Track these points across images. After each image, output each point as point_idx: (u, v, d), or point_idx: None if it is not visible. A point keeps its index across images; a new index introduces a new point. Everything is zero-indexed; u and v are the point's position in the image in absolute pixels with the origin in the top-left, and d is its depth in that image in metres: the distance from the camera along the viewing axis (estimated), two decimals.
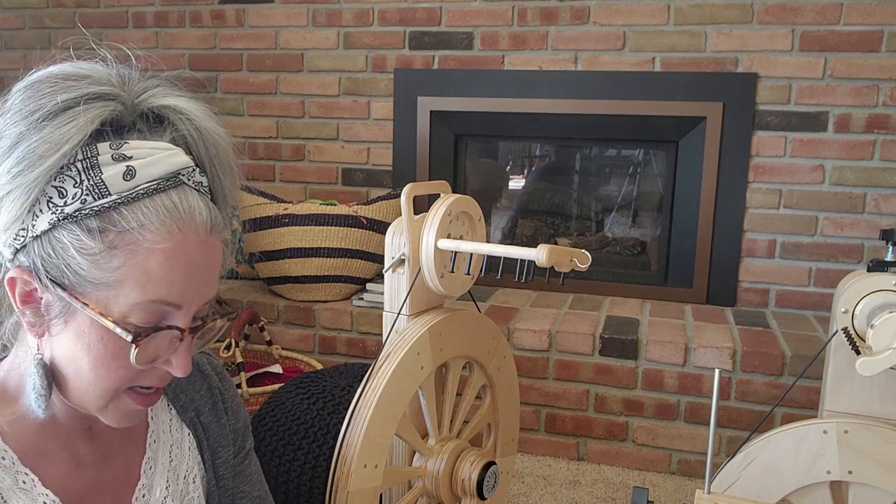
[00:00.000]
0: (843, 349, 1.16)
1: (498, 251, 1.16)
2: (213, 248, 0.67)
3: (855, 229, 2.17)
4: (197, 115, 0.67)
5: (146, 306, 0.63)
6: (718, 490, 1.19)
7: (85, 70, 0.65)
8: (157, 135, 0.66)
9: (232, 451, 0.87)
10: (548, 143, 2.64)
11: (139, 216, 0.61)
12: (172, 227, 0.62)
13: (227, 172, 0.70)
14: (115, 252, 0.61)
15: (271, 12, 2.56)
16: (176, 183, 0.64)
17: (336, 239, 2.19)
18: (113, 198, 0.61)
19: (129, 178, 0.61)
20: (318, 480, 1.56)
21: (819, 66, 2.14)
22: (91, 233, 0.61)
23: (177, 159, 0.64)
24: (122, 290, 0.62)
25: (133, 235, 0.61)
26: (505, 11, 2.35)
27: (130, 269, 0.61)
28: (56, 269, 0.62)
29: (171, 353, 0.66)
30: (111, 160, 0.61)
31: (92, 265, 0.61)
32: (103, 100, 0.63)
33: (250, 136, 2.66)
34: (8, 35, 2.85)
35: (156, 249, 0.62)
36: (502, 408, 1.42)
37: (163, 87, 0.68)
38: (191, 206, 0.64)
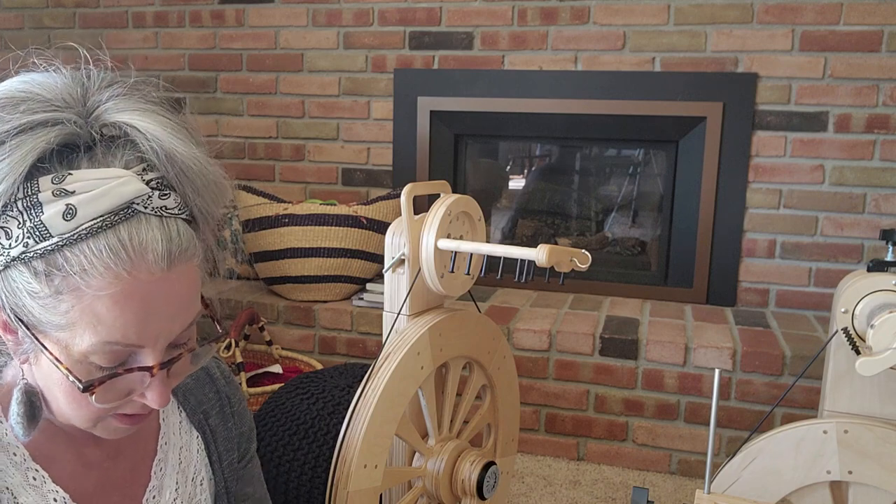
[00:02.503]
0: (843, 349, 1.16)
1: (498, 251, 1.16)
2: (174, 284, 0.61)
3: (855, 229, 2.17)
4: (158, 133, 0.60)
5: (103, 347, 0.59)
6: (718, 490, 1.19)
7: (30, 90, 0.60)
8: (113, 155, 0.60)
9: (237, 455, 0.87)
10: (548, 143, 2.64)
11: (81, 260, 0.57)
12: (119, 270, 0.57)
13: (203, 188, 0.63)
14: (62, 297, 0.57)
15: (271, 12, 2.56)
16: (127, 215, 0.58)
17: (336, 239, 2.19)
18: (54, 240, 0.56)
19: (70, 217, 0.56)
20: (318, 480, 1.56)
21: (819, 66, 2.14)
22: (38, 276, 0.57)
23: (127, 188, 0.58)
24: (76, 332, 0.59)
25: (76, 280, 0.57)
26: (505, 11, 2.35)
27: (79, 313, 0.58)
28: (17, 307, 0.59)
29: (144, 388, 0.63)
30: (52, 197, 0.56)
31: (43, 308, 0.58)
32: (44, 127, 0.58)
33: (250, 136, 2.66)
34: (8, 35, 2.85)
35: (101, 295, 0.57)
36: (502, 408, 1.42)
37: (122, 98, 0.62)
38: (142, 241, 0.58)
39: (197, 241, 0.63)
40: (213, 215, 0.66)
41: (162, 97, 0.65)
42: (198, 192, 0.63)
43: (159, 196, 0.60)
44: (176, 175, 0.62)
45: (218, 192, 0.65)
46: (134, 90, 0.63)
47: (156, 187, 0.60)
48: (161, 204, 0.60)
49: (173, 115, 0.64)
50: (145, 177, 0.60)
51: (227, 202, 0.67)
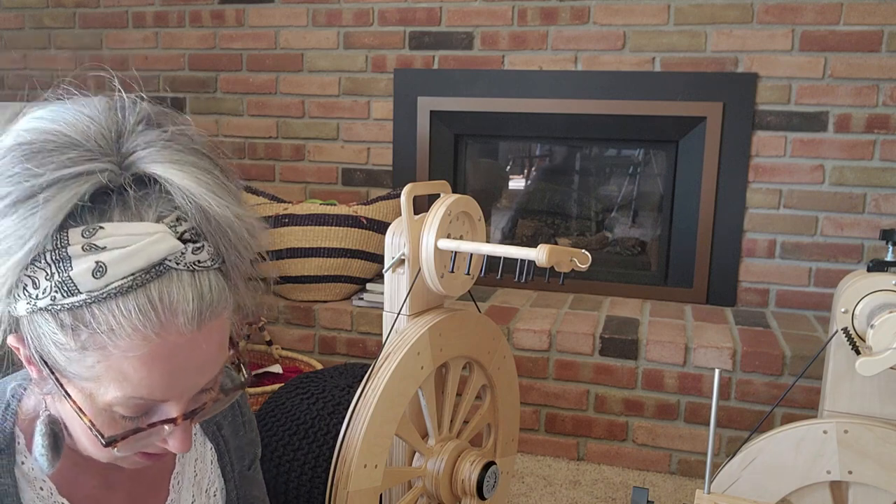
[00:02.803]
0: (843, 349, 1.16)
1: (498, 251, 1.16)
2: (203, 342, 0.59)
3: (855, 229, 2.17)
4: (193, 189, 0.58)
5: (128, 401, 0.58)
6: (718, 490, 1.19)
7: (62, 132, 0.58)
8: (146, 206, 0.58)
9: (247, 462, 0.88)
10: (548, 143, 2.64)
11: (109, 320, 0.55)
12: (147, 332, 0.56)
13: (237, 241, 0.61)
14: (88, 352, 0.56)
15: (271, 12, 2.56)
16: (159, 272, 0.56)
17: (336, 239, 2.19)
18: (82, 297, 0.55)
19: (100, 275, 0.55)
20: (318, 480, 1.56)
21: (819, 66, 2.14)
22: (64, 329, 0.56)
23: (160, 246, 0.56)
24: (101, 385, 0.58)
25: (104, 339, 0.55)
26: (505, 11, 2.35)
27: (105, 368, 0.57)
28: (43, 350, 0.58)
29: (166, 434, 0.63)
30: (81, 252, 0.55)
31: (67, 359, 0.57)
32: (75, 180, 0.55)
33: (250, 136, 2.66)
34: (8, 35, 2.85)
35: (129, 356, 0.56)
36: (502, 408, 1.42)
37: (158, 147, 0.59)
38: (173, 301, 0.56)
39: (228, 292, 0.61)
40: (245, 262, 0.63)
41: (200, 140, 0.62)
42: (231, 244, 0.61)
43: (192, 251, 0.58)
44: (209, 229, 0.59)
45: (252, 241, 0.63)
46: (171, 137, 0.60)
47: (189, 239, 0.58)
48: (194, 259, 0.58)
49: (211, 164, 0.61)
50: (178, 228, 0.58)
51: (263, 248, 0.65)
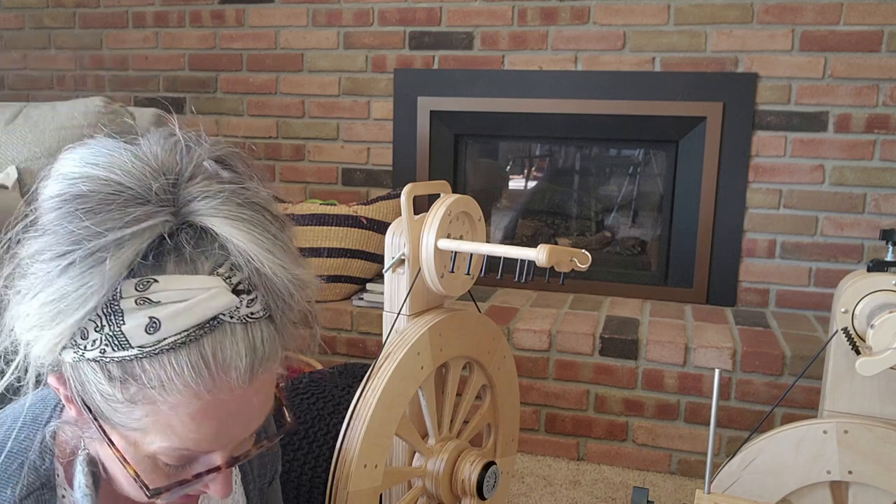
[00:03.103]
0: (843, 349, 1.16)
1: (498, 251, 1.16)
2: (254, 394, 0.58)
3: (855, 229, 2.17)
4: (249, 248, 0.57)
5: (174, 452, 0.58)
6: (718, 490, 1.19)
7: (127, 178, 0.56)
8: (201, 256, 0.56)
9: (268, 479, 0.87)
10: (548, 143, 2.64)
11: (161, 375, 0.54)
12: (199, 389, 0.55)
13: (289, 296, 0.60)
14: (136, 406, 0.55)
15: (271, 12, 2.56)
16: (213, 327, 0.55)
17: (336, 239, 2.19)
18: (133, 351, 0.54)
19: (153, 331, 0.53)
20: (318, 480, 1.56)
21: (819, 66, 2.14)
22: (112, 381, 0.55)
23: (216, 302, 0.55)
24: (147, 435, 0.57)
25: (153, 394, 0.54)
26: (505, 11, 2.35)
27: (153, 422, 0.56)
28: (86, 395, 0.57)
29: (209, 480, 0.62)
30: (135, 306, 0.53)
31: (114, 410, 0.56)
32: (138, 236, 0.54)
33: (250, 136, 2.66)
34: (8, 35, 2.85)
35: (179, 412, 0.55)
36: (502, 408, 1.42)
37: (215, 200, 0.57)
38: (226, 358, 0.55)
39: (278, 343, 0.60)
40: (294, 311, 0.62)
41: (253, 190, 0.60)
42: (281, 296, 0.60)
43: (246, 303, 0.57)
44: (263, 282, 0.58)
45: (303, 295, 0.61)
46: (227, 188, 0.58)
47: (242, 290, 0.57)
48: (247, 311, 0.57)
49: (266, 217, 0.59)
50: (232, 280, 0.57)
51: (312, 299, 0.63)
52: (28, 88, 2.87)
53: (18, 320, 0.56)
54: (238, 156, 0.62)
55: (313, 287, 0.63)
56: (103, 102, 1.92)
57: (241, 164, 0.62)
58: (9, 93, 2.88)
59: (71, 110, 1.90)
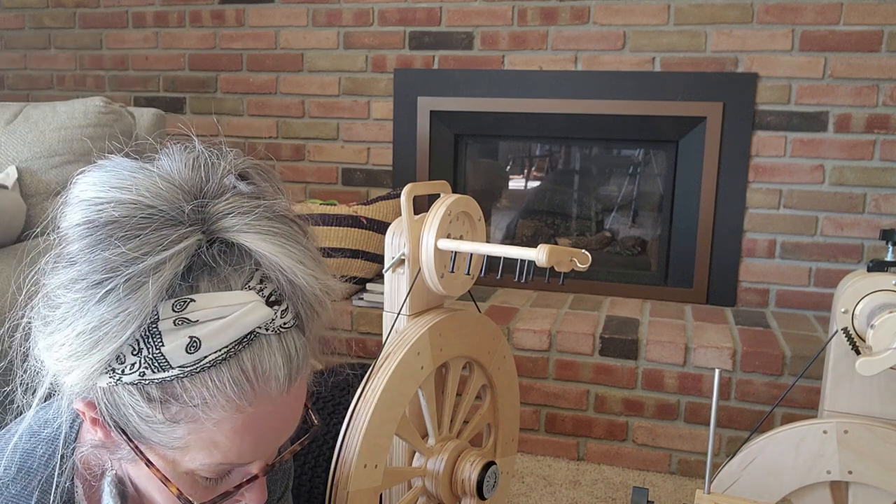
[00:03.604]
0: (842, 349, 1.16)
1: (498, 251, 1.16)
2: (291, 403, 0.59)
3: (855, 229, 2.17)
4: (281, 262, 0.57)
5: (216, 467, 0.58)
6: (718, 490, 1.19)
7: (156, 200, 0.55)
8: (234, 271, 0.57)
9: (278, 495, 0.87)
10: (548, 143, 2.64)
11: (203, 392, 0.54)
12: (241, 402, 0.55)
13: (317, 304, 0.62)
14: (178, 425, 0.55)
15: (271, 12, 2.56)
16: (250, 341, 0.56)
17: (336, 239, 2.19)
18: (174, 372, 0.54)
19: (193, 350, 0.54)
20: (318, 480, 1.56)
21: (819, 66, 2.14)
22: (152, 402, 0.55)
23: (252, 317, 0.56)
24: (187, 453, 0.57)
25: (196, 412, 0.55)
26: (505, 11, 2.35)
27: (195, 439, 0.56)
28: (120, 418, 0.57)
29: (245, 489, 0.62)
30: (173, 326, 0.54)
31: (153, 431, 0.56)
32: (174, 259, 0.54)
33: (250, 136, 2.66)
34: (8, 35, 2.85)
35: (223, 428, 0.56)
36: (502, 408, 1.42)
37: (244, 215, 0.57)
38: (266, 369, 0.56)
39: (308, 350, 0.61)
40: (321, 319, 0.64)
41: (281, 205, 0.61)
42: (310, 305, 0.61)
43: (280, 315, 0.58)
44: (292, 291, 0.59)
45: (329, 300, 0.63)
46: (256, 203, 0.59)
47: (274, 302, 0.58)
48: (281, 322, 0.58)
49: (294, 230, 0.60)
50: (264, 292, 0.58)
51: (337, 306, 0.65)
52: (28, 88, 2.87)
53: (49, 350, 0.56)
54: (259, 168, 0.63)
55: (338, 292, 0.64)
56: (103, 102, 1.92)
57: (264, 176, 0.62)
58: (9, 93, 2.88)
59: (71, 110, 1.90)
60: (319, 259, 0.61)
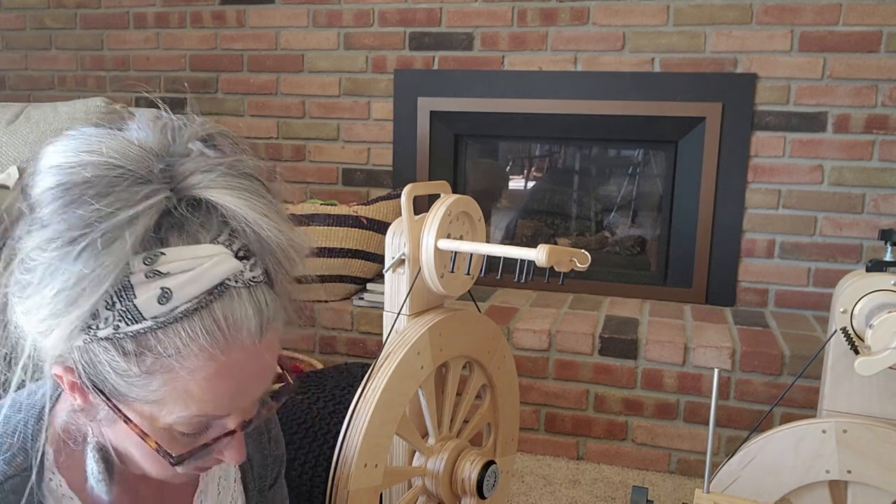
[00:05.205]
0: (841, 349, 1.16)
1: (498, 251, 1.17)
2: (263, 354, 0.61)
3: (854, 229, 2.18)
4: (247, 215, 0.59)
5: (192, 420, 0.59)
6: (718, 489, 1.19)
7: (125, 161, 0.57)
8: (202, 227, 0.58)
9: (269, 481, 0.88)
10: (548, 144, 2.64)
11: (176, 342, 0.56)
12: (214, 351, 0.57)
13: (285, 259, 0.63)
14: (153, 377, 0.57)
15: (272, 13, 2.56)
16: (221, 292, 0.57)
17: (336, 239, 2.20)
18: (147, 323, 0.55)
19: (165, 301, 0.55)
20: (318, 480, 1.56)
21: (818, 66, 2.14)
22: (127, 356, 0.56)
23: (220, 268, 0.57)
24: (164, 407, 0.58)
25: (170, 362, 0.56)
26: (505, 12, 2.35)
27: (171, 390, 0.57)
28: (97, 377, 0.58)
29: (223, 446, 0.64)
30: (145, 279, 0.55)
31: (129, 385, 0.57)
32: (146, 213, 0.56)
33: (251, 136, 2.66)
34: (9, 35, 2.86)
35: (196, 376, 0.57)
36: (502, 407, 1.42)
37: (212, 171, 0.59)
38: (237, 318, 0.58)
39: (279, 304, 0.62)
40: (290, 277, 0.65)
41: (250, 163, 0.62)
42: (279, 261, 0.62)
43: (249, 269, 0.60)
44: (261, 247, 0.61)
45: (298, 258, 0.64)
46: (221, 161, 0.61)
47: (243, 256, 0.60)
48: (250, 276, 0.60)
49: (260, 187, 0.62)
50: (233, 247, 0.59)
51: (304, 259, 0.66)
52: (29, 89, 2.87)
53: (27, 315, 0.57)
54: (224, 133, 0.65)
55: (307, 251, 0.65)
56: (104, 103, 1.92)
57: (230, 140, 0.64)
58: (10, 93, 2.89)
59: (72, 111, 1.90)
60: (285, 216, 0.63)
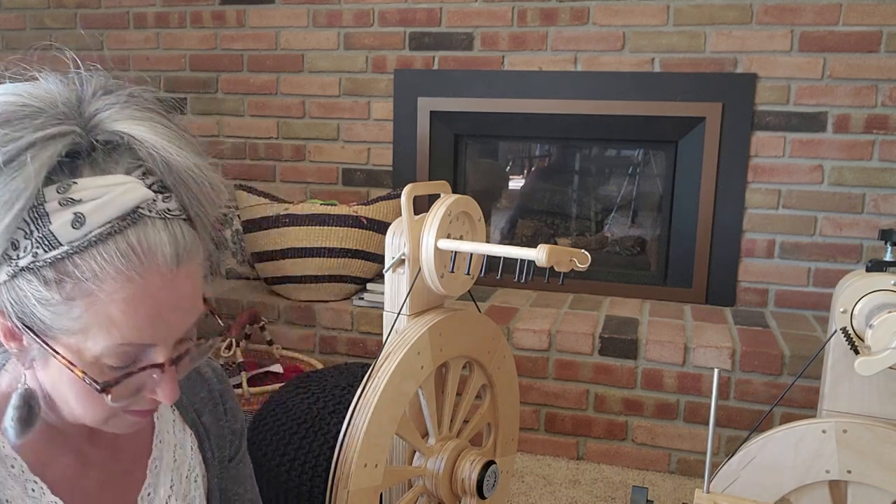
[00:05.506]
0: (841, 349, 1.16)
1: (498, 251, 1.17)
2: (182, 282, 0.62)
3: (854, 229, 2.18)
4: (155, 141, 0.61)
5: (117, 349, 0.61)
6: (717, 489, 1.19)
7: (28, 102, 0.60)
8: (114, 161, 0.61)
9: (229, 453, 0.88)
10: (548, 144, 2.64)
11: (93, 266, 0.58)
12: (131, 273, 0.59)
13: (200, 193, 0.64)
14: (75, 302, 0.58)
15: (272, 13, 2.56)
16: (134, 219, 0.59)
17: (336, 239, 2.20)
18: (64, 248, 0.57)
19: (79, 225, 0.57)
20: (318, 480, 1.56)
21: (818, 66, 2.14)
22: (48, 284, 0.58)
23: (131, 195, 0.59)
24: (89, 336, 0.60)
25: (89, 286, 0.58)
26: (505, 12, 2.36)
27: (92, 316, 0.59)
28: (24, 314, 0.60)
29: (154, 384, 0.65)
30: (59, 206, 0.57)
31: (54, 315, 0.59)
32: (52, 141, 0.58)
33: (251, 136, 2.66)
34: (9, 35, 2.86)
35: (115, 298, 0.59)
36: (502, 407, 1.42)
37: (119, 107, 0.62)
38: (151, 244, 0.60)
39: (199, 241, 0.65)
40: (209, 217, 0.67)
41: (156, 101, 0.66)
42: (195, 196, 0.64)
43: (162, 199, 0.62)
44: (173, 180, 0.63)
45: (215, 195, 0.66)
46: (129, 98, 0.64)
47: (157, 191, 0.61)
48: (164, 207, 0.61)
49: (168, 122, 0.64)
50: (146, 181, 0.61)
51: (224, 204, 0.68)
52: None
53: None
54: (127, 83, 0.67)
55: (225, 190, 0.67)
56: None
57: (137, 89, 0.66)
58: None
59: None
60: (197, 149, 0.65)
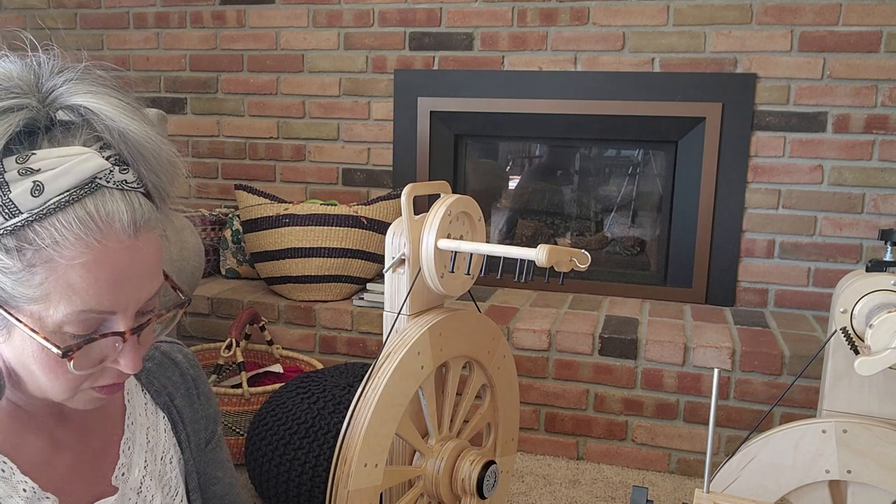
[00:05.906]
0: (841, 349, 1.16)
1: (498, 251, 1.17)
2: (140, 251, 0.64)
3: (854, 229, 2.18)
4: (111, 114, 0.63)
5: (78, 316, 0.62)
6: (717, 489, 1.19)
7: None
8: (71, 135, 0.63)
9: (204, 437, 0.90)
10: (548, 144, 2.64)
11: (52, 233, 0.59)
12: (89, 239, 0.61)
13: (157, 166, 0.66)
14: (35, 269, 0.60)
15: (272, 13, 2.56)
16: (92, 189, 0.61)
17: (336, 239, 2.20)
18: (24, 216, 0.59)
19: (38, 193, 0.59)
20: (318, 480, 1.56)
21: (818, 66, 2.14)
22: (9, 252, 0.59)
23: (89, 164, 0.61)
24: (50, 303, 0.61)
25: (49, 252, 0.60)
26: (505, 12, 2.36)
27: (53, 283, 0.60)
28: None
29: (117, 354, 0.66)
30: (18, 176, 0.59)
31: (15, 283, 0.60)
32: (9, 113, 0.60)
33: (251, 136, 2.66)
34: (9, 36, 2.85)
35: (75, 264, 0.60)
36: (502, 407, 1.42)
37: (75, 81, 0.64)
38: (109, 212, 0.62)
39: (157, 213, 0.66)
40: (168, 193, 0.68)
41: (112, 78, 0.67)
42: (152, 169, 0.66)
43: (119, 171, 0.63)
44: (130, 153, 0.64)
45: (172, 170, 0.68)
46: (85, 73, 0.65)
47: (115, 163, 0.63)
48: (122, 178, 0.63)
49: (125, 96, 0.66)
50: (104, 154, 0.63)
51: (181, 180, 0.70)
52: None
53: None
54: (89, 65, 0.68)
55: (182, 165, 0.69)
56: None
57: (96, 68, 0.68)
58: None
59: None
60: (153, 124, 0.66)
